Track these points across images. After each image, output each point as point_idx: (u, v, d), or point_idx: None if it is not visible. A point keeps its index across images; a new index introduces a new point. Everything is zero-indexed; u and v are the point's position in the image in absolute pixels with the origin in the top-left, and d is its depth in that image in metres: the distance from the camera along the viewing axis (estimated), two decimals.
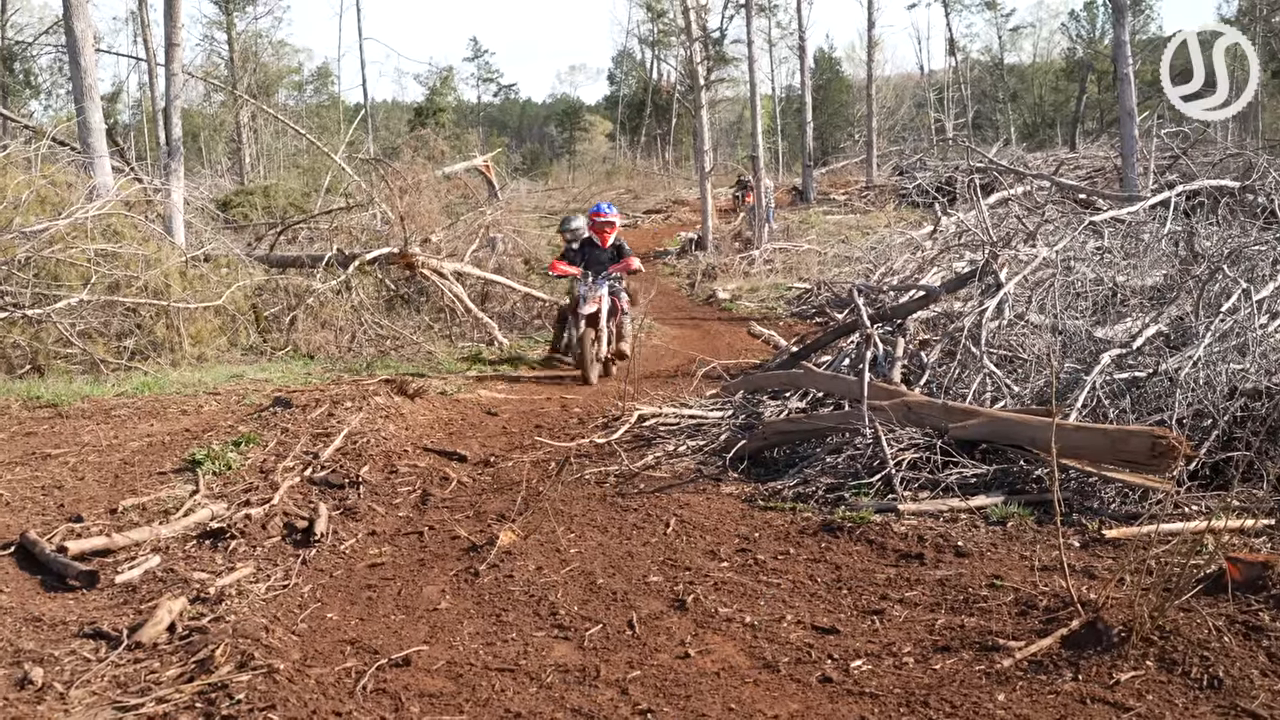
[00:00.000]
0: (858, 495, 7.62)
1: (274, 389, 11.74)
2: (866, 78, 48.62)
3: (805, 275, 25.67)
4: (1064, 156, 38.31)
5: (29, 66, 50.13)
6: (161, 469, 8.68)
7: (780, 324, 20.27)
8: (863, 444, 8.34)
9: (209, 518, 7.39)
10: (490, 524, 7.56)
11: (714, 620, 5.65)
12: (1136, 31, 56.40)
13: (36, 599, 6.08)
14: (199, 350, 14.93)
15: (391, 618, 5.89)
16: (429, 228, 20.19)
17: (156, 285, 15.02)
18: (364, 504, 8.01)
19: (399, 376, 11.88)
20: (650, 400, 11.97)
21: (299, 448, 9.14)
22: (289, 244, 21.96)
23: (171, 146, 18.72)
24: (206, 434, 9.64)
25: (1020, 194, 21.35)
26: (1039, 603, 5.48)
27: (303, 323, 16.50)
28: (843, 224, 34.54)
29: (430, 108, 67.46)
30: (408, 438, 9.90)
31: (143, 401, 11.29)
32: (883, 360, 10.70)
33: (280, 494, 7.87)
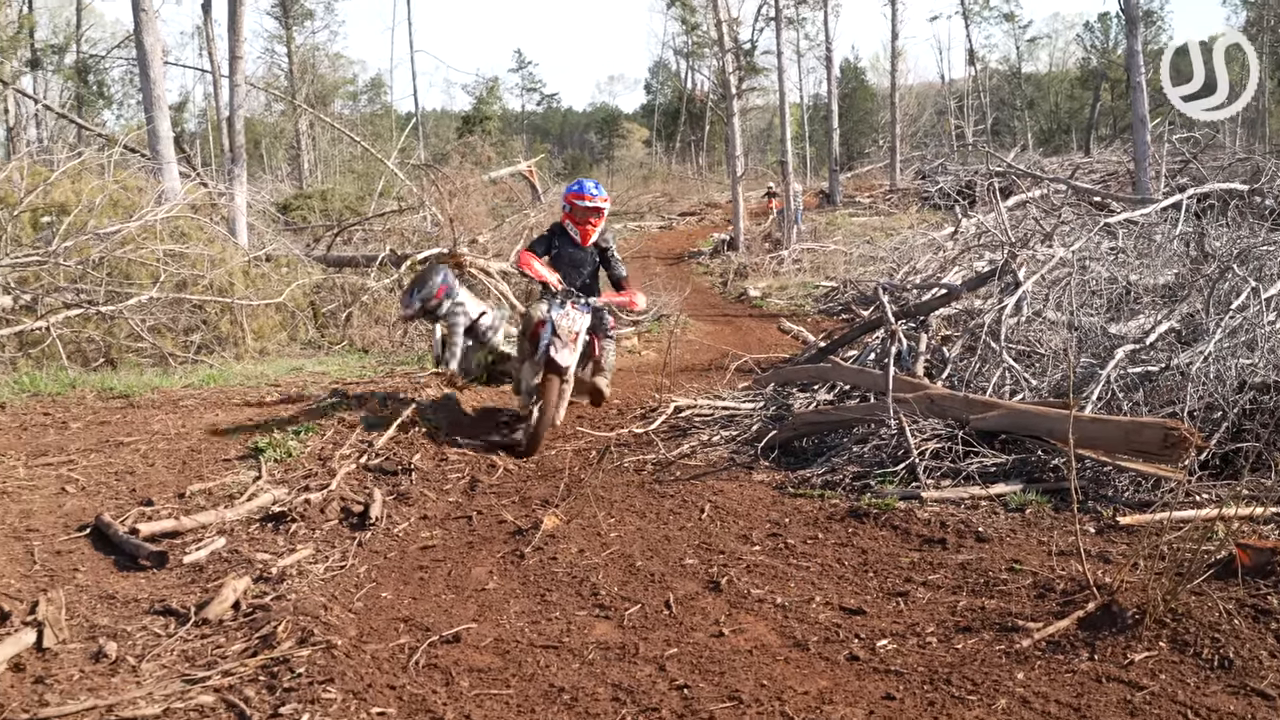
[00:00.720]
0: (883, 483, 7.59)
1: (331, 381, 11.77)
2: (890, 86, 48.50)
3: (832, 274, 25.62)
4: (1079, 161, 38.08)
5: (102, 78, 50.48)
6: (226, 456, 8.71)
7: (808, 320, 20.22)
8: (888, 434, 8.32)
9: (271, 502, 7.42)
10: (535, 509, 7.57)
11: (747, 601, 5.64)
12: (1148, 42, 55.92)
13: (110, 578, 6.11)
14: (261, 344, 15.02)
15: (442, 597, 5.90)
16: (476, 229, 20.23)
17: (221, 283, 15.11)
18: (416, 490, 8.02)
19: (448, 371, 11.88)
20: (686, 392, 11.96)
21: (355, 436, 9.16)
22: (345, 245, 22.04)
23: (235, 153, 18.83)
24: (268, 423, 9.66)
25: (1038, 197, 21.22)
26: (1056, 586, 5.45)
27: (358, 319, 16.59)
28: (868, 225, 34.44)
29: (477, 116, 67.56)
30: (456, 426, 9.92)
31: (208, 393, 11.34)
32: (907, 355, 10.67)
33: (337, 480, 7.89)
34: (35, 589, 5.80)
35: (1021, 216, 16.56)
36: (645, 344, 16.41)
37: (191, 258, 15.19)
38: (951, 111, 63.09)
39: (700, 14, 61.00)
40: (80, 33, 47.47)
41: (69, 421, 10.00)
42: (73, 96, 45.80)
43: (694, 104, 74.00)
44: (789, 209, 31.18)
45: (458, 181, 21.32)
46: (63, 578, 6.04)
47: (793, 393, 10.99)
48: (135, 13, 18.08)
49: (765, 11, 36.99)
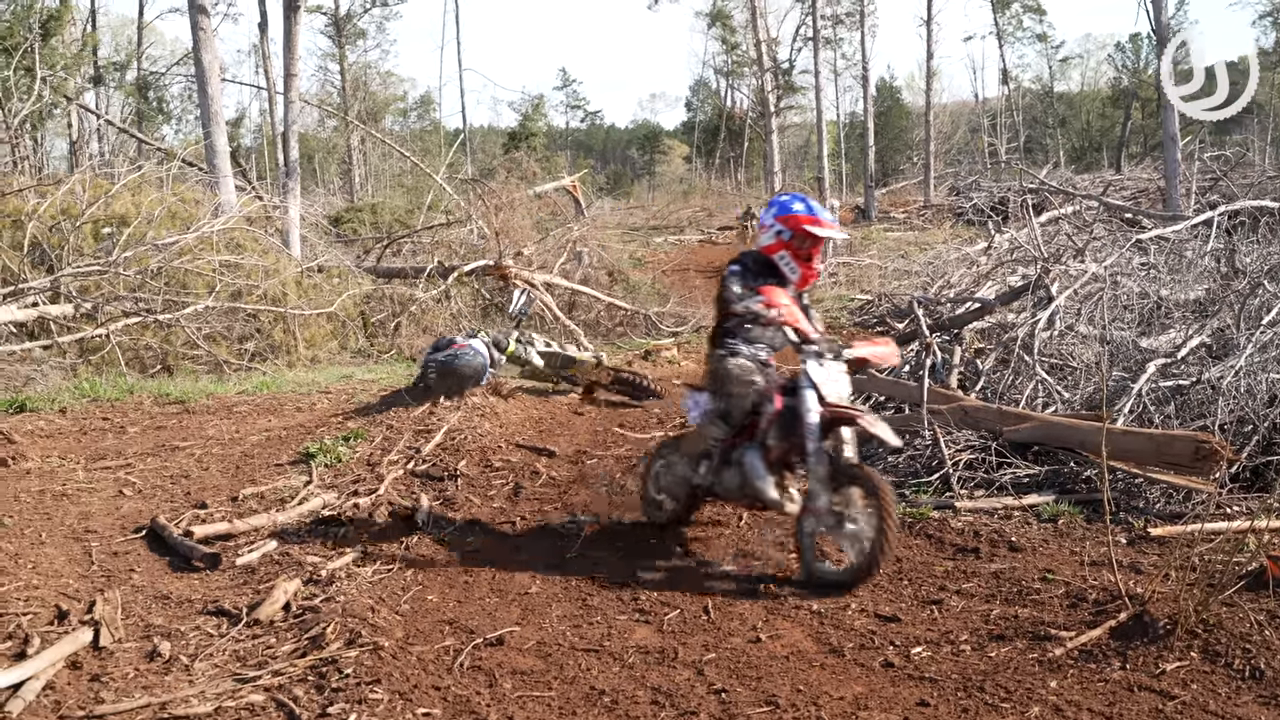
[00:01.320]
0: (917, 493, 7.55)
1: (380, 389, 11.81)
2: (925, 105, 48.21)
3: (867, 287, 25.47)
4: (1110, 178, 37.75)
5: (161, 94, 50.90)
6: (278, 461, 8.76)
7: (844, 333, 20.15)
8: (922, 445, 8.27)
9: (321, 506, 7.46)
10: (577, 514, 7.56)
11: (783, 607, 5.61)
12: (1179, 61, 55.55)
13: (165, 578, 6.15)
14: (312, 353, 15.09)
15: (486, 600, 5.90)
16: (521, 242, 20.26)
17: (275, 293, 15.19)
18: (461, 495, 8.03)
19: (493, 378, 11.91)
20: None
21: (402, 443, 9.18)
22: (394, 256, 22.11)
23: (289, 167, 18.98)
24: (319, 429, 9.72)
25: (1070, 213, 21.05)
26: (1088, 596, 5.40)
27: (406, 328, 16.63)
28: (902, 240, 34.28)
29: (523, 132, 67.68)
30: (501, 435, 9.91)
31: (261, 399, 11.41)
32: (941, 367, 10.60)
33: (385, 485, 7.92)
34: (93, 589, 5.84)
35: (1054, 232, 16.45)
36: (685, 355, 16.37)
37: (246, 268, 15.28)
38: (985, 129, 62.80)
39: (740, 34, 61.18)
40: (141, 50, 47.89)
41: (127, 426, 10.09)
42: (133, 112, 46.19)
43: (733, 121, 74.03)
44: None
45: (503, 196, 21.35)
46: (119, 578, 6.08)
47: None
48: (194, 31, 18.24)
49: (803, 32, 37.14)
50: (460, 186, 27.33)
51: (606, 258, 23.76)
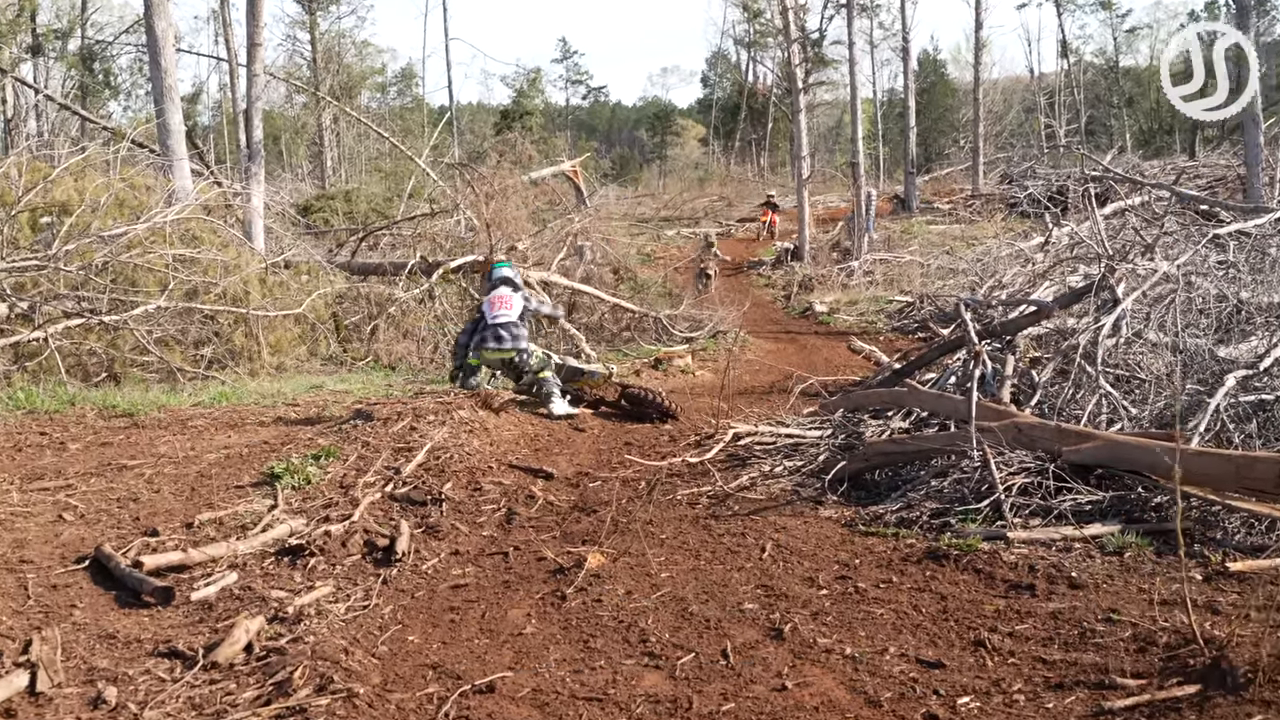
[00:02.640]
0: (965, 521, 7.53)
1: (354, 401, 11.84)
2: (973, 80, 48.24)
3: (908, 288, 25.54)
4: (1183, 165, 37.79)
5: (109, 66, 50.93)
6: (239, 482, 8.77)
7: (881, 339, 20.19)
8: (970, 467, 8.27)
9: (287, 534, 7.45)
10: (578, 545, 7.56)
11: (812, 651, 5.61)
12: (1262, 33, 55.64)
13: (110, 615, 6.14)
14: (278, 359, 15.12)
15: (475, 642, 5.90)
16: (515, 235, 20.29)
17: (235, 292, 15.22)
18: (447, 522, 8.04)
19: (483, 389, 11.93)
20: (745, 418, 11.96)
21: (380, 462, 9.20)
22: (370, 251, 22.19)
23: (252, 149, 19.00)
24: (285, 447, 9.73)
25: (1137, 204, 21.10)
26: (1158, 639, 5.38)
27: (384, 332, 16.68)
28: (947, 234, 34.32)
29: (517, 110, 67.94)
30: (492, 454, 9.93)
31: (220, 412, 11.43)
32: (991, 379, 10.60)
33: (361, 510, 7.92)
34: (29, 626, 5.83)
35: (1119, 226, 16.45)
36: (700, 363, 16.41)
37: (203, 263, 15.32)
38: (1041, 109, 62.86)
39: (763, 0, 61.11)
40: (85, 17, 48.00)
41: (68, 442, 10.10)
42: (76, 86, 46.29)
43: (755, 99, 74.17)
44: (860, 214, 31.12)
45: (495, 182, 21.35)
46: (59, 614, 6.07)
47: (864, 420, 10.96)
48: None
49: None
50: (446, 172, 27.43)
51: (611, 253, 23.83)
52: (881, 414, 10.99)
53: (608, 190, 50.43)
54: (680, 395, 13.67)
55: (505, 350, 12.16)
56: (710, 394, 13.53)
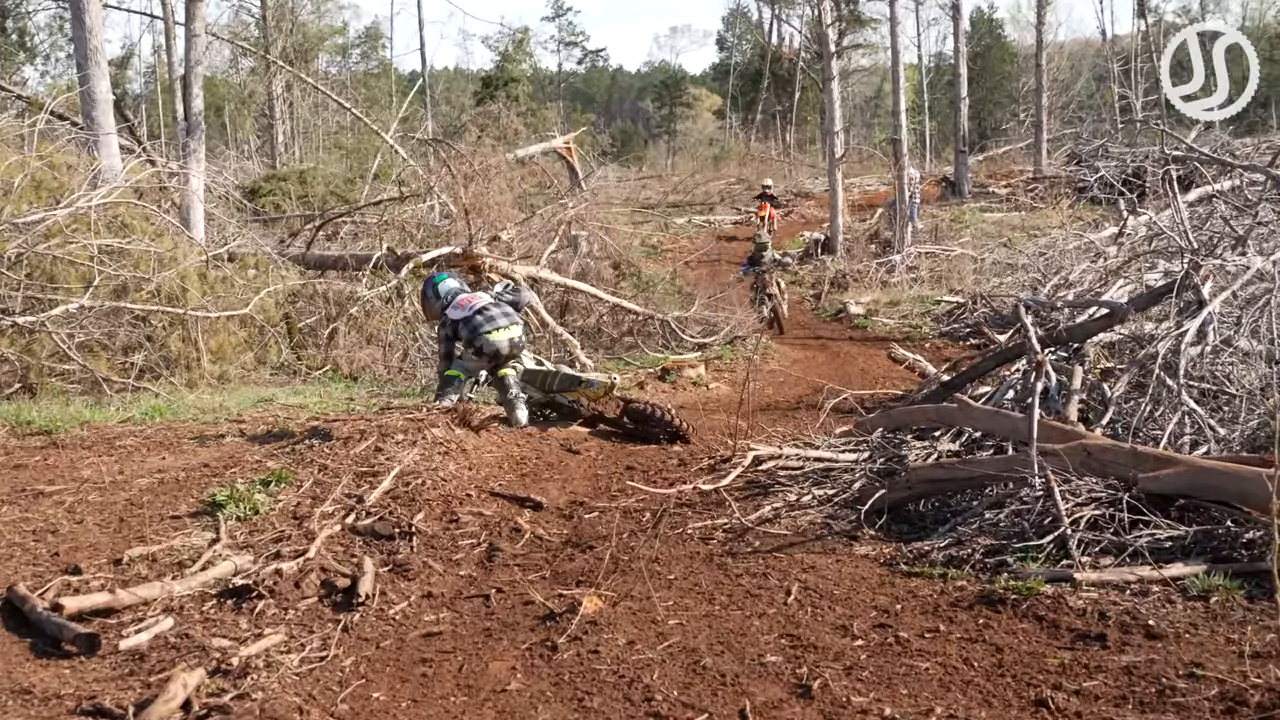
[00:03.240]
0: (1024, 560, 7.53)
1: (310, 417, 11.84)
2: (1035, 44, 48.31)
3: (958, 286, 25.54)
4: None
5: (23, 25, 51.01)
6: (175, 512, 8.77)
7: (927, 346, 20.20)
8: (1031, 497, 8.26)
9: (232, 572, 7.45)
10: (571, 587, 7.56)
11: (845, 711, 5.61)
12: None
13: (25, 667, 6.14)
14: (220, 368, 15.12)
15: (451, 700, 5.90)
16: (498, 223, 20.29)
17: (171, 289, 15.22)
18: (418, 559, 8.05)
19: (461, 404, 11.93)
20: (768, 438, 11.95)
21: (340, 489, 9.20)
22: (329, 241, 22.19)
23: (191, 122, 19.01)
24: (229, 470, 9.73)
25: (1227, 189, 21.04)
26: (1250, 698, 5.38)
27: (345, 337, 16.68)
28: (1004, 223, 34.31)
29: (501, 77, 67.93)
30: (471, 479, 9.93)
31: (153, 430, 11.44)
32: (1055, 393, 10.61)
33: (317, 545, 7.93)
34: None
35: (1206, 215, 16.45)
36: (715, 374, 16.43)
37: (134, 255, 15.31)
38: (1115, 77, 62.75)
39: None
40: None
41: None
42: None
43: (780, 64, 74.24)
44: (902, 200, 31.10)
45: (475, 161, 21.34)
46: None
47: (907, 440, 10.95)
48: None
49: None
50: (418, 149, 27.44)
51: (611, 245, 23.84)
52: (927, 434, 10.99)
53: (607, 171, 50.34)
54: (691, 412, 13.68)
55: (515, 324, 12.31)
56: (726, 410, 13.53)
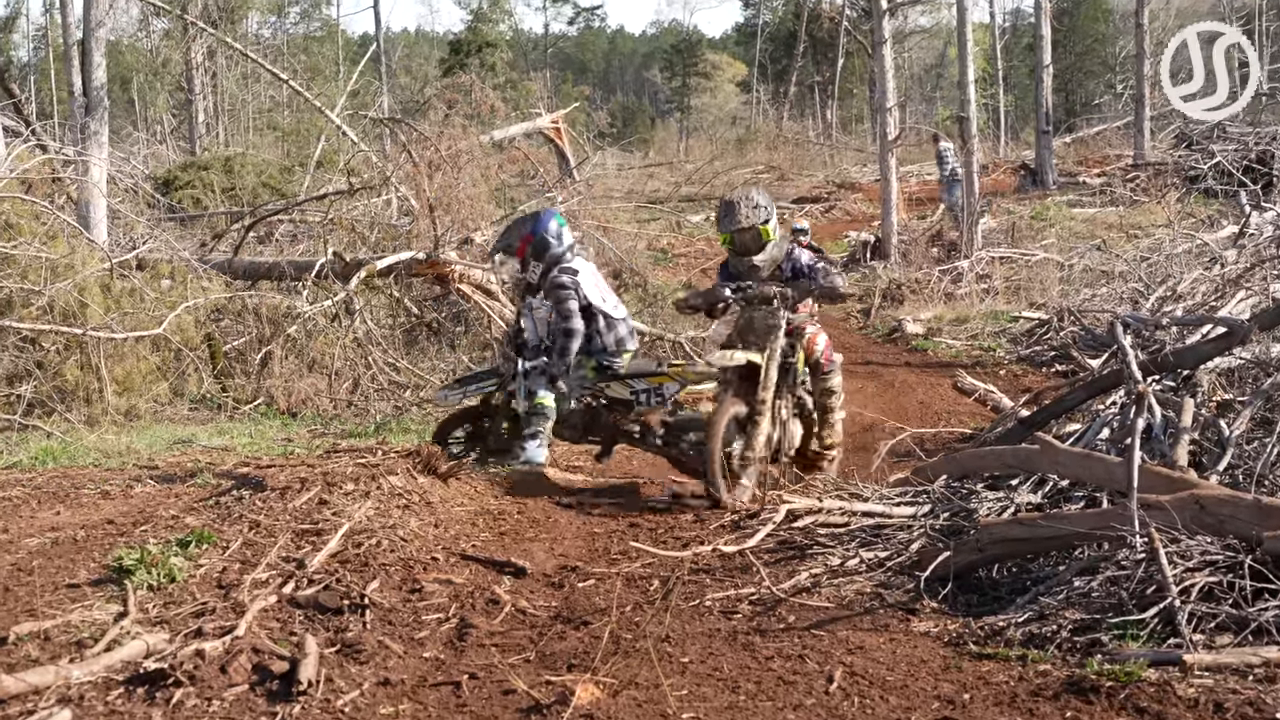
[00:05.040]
0: (1122, 639, 7.53)
1: (239, 462, 11.87)
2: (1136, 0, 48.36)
3: (1040, 299, 25.50)
4: None
5: None
6: (73, 579, 8.78)
7: (1001, 373, 20.22)
8: (1130, 560, 8.25)
9: (143, 653, 7.44)
10: (561, 672, 7.54)
11: None
12: None
13: None
14: (128, 402, 15.14)
15: None
16: (471, 222, 20.29)
17: (67, 304, 15.25)
18: (372, 638, 8.03)
19: (425, 445, 11.94)
20: (805, 487, 11.95)
21: (275, 551, 9.20)
22: (262, 244, 22.26)
23: (91, 98, 19.08)
24: (139, 529, 9.73)
25: None
26: None
27: (281, 363, 16.70)
28: (1097, 221, 34.30)
29: (474, 42, 68.07)
30: (437, 538, 9.95)
31: (45, 478, 11.46)
32: (1160, 432, 10.62)
33: (248, 621, 7.91)
34: None
35: None
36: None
37: (20, 262, 15.36)
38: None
39: None
40: None
41: None
42: None
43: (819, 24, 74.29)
44: (971, 196, 31.07)
45: (442, 146, 21.35)
46: None
47: (977, 491, 10.94)
48: None
49: None
50: (371, 130, 27.58)
51: (611, 248, 23.87)
52: (1002, 483, 10.97)
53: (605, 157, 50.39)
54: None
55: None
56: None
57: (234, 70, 50.23)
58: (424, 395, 16.01)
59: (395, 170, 22.28)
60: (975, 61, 34.46)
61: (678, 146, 69.31)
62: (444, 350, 17.93)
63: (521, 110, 39.45)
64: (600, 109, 74.10)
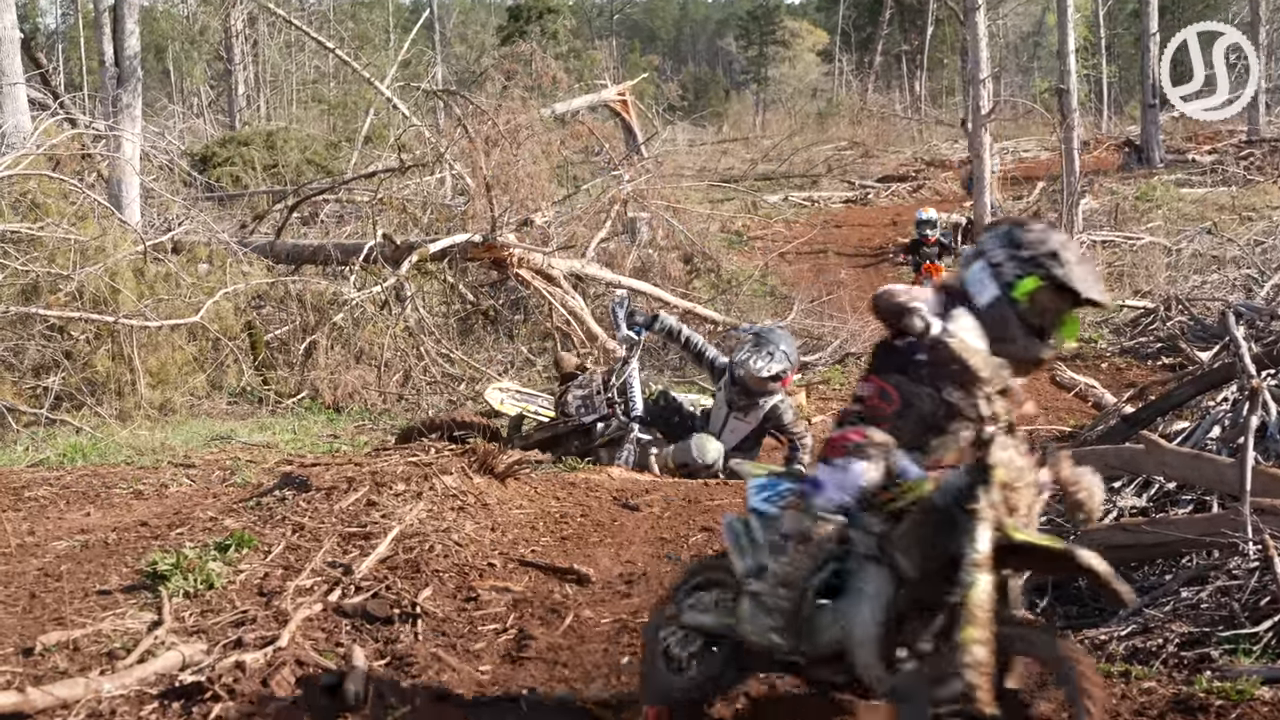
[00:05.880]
0: (1233, 654, 7.48)
1: (281, 460, 11.87)
2: None
3: (1145, 286, 25.35)
4: None
5: None
6: (104, 586, 8.78)
7: (1103, 367, 20.11)
8: (1242, 569, 8.21)
9: (179, 665, 7.44)
10: (629, 689, 7.53)
11: None
12: None
13: None
14: (163, 395, 15.14)
15: None
16: (530, 202, 20.27)
17: (98, 290, 15.26)
18: (425, 650, 8.01)
19: (481, 442, 11.90)
20: None
21: (320, 557, 9.19)
22: (306, 226, 22.26)
23: (124, 68, 19.09)
24: (175, 531, 9.73)
25: None
26: None
27: (327, 354, 16.69)
28: (1208, 202, 34.05)
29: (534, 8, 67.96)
30: (494, 543, 9.91)
31: (74, 476, 11.47)
32: (1276, 431, 10.55)
33: (291, 630, 7.90)
34: None
35: None
36: (820, 404, 16.42)
37: (48, 245, 15.39)
38: None
39: None
40: None
41: None
42: None
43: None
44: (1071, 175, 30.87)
45: (500, 120, 21.35)
46: None
47: None
48: None
49: None
50: (423, 103, 27.54)
51: (681, 230, 23.81)
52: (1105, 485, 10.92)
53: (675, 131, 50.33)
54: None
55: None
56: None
57: (277, 38, 50.23)
58: (478, 389, 15.97)
59: (449, 146, 22.27)
60: (1076, 29, 34.29)
61: (754, 121, 69.07)
62: (501, 340, 17.92)
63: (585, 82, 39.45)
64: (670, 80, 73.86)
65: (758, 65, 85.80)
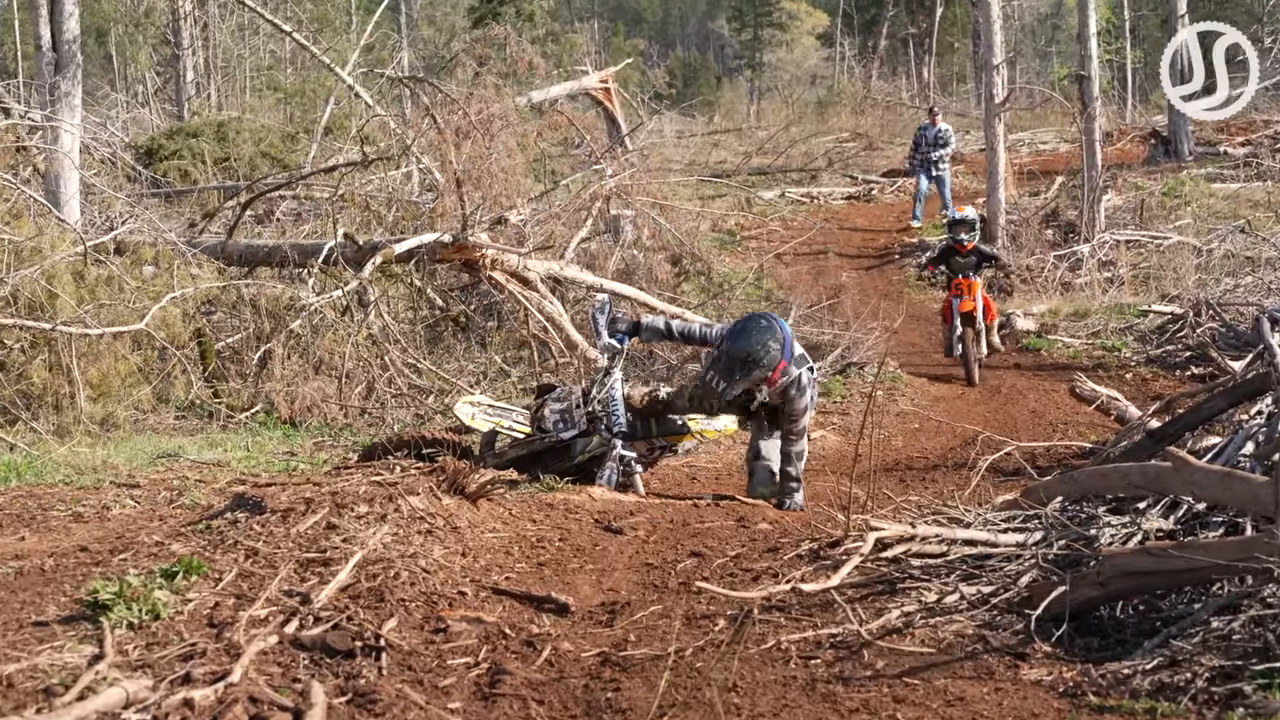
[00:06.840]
0: (1267, 689, 7.50)
1: (233, 479, 11.87)
2: None
3: (1173, 290, 25.37)
4: None
5: None
6: (40, 616, 8.78)
7: (1128, 377, 20.16)
8: (1277, 597, 8.24)
9: (121, 702, 7.42)
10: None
11: None
12: None
13: None
14: (104, 409, 15.16)
15: None
16: (505, 199, 20.31)
17: (34, 294, 15.28)
18: (389, 686, 8.00)
19: (451, 460, 11.92)
20: (895, 512, 11.90)
21: (276, 584, 9.19)
22: (261, 225, 22.30)
23: (62, 54, 19.15)
24: (118, 557, 9.74)
25: None
26: None
27: (283, 364, 16.70)
28: (1241, 198, 34.10)
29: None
30: (465, 569, 9.92)
31: (7, 498, 11.48)
32: None
33: (244, 664, 7.88)
34: None
35: None
36: (820, 418, 16.43)
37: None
38: None
39: None
40: None
41: None
42: None
43: None
44: (1093, 169, 30.91)
45: (472, 109, 21.37)
46: None
47: (1098, 515, 10.88)
48: None
49: None
50: (388, 91, 27.59)
51: (669, 229, 23.86)
52: (1128, 506, 10.92)
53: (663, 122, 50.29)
54: None
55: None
56: (835, 470, 13.51)
57: (228, 21, 50.33)
58: (448, 402, 15.99)
59: (416, 138, 22.30)
60: (1098, 10, 34.36)
61: (748, 111, 69.18)
62: (473, 349, 17.97)
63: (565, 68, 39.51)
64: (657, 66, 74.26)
65: (752, 50, 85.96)
